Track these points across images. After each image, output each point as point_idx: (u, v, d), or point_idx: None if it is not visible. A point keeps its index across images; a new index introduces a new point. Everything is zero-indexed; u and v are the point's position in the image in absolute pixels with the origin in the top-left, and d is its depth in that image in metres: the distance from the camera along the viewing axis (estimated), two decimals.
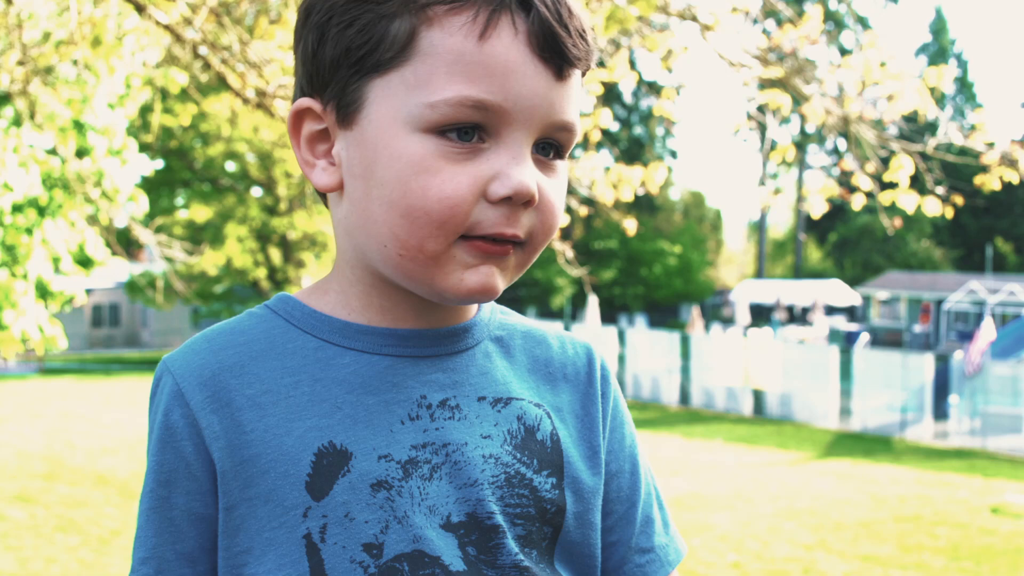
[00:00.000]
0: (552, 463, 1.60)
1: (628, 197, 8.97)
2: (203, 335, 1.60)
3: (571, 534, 1.62)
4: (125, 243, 20.73)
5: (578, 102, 1.54)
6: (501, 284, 1.51)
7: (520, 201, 1.44)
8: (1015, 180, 8.35)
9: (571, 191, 9.59)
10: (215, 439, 1.49)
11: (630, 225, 9.61)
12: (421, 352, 1.58)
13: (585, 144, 9.12)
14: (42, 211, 11.80)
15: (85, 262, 13.05)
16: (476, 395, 1.59)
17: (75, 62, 7.90)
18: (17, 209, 11.28)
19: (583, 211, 9.96)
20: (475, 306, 1.68)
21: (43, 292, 12.08)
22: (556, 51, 1.45)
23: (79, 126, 11.04)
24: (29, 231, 11.62)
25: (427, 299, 1.56)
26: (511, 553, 1.53)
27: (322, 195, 1.64)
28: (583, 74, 1.56)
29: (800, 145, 75.06)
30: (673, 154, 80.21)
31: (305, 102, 1.55)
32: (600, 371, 1.76)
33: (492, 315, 1.71)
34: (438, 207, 1.42)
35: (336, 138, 1.52)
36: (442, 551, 1.49)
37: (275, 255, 44.46)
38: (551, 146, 1.52)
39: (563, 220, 1.57)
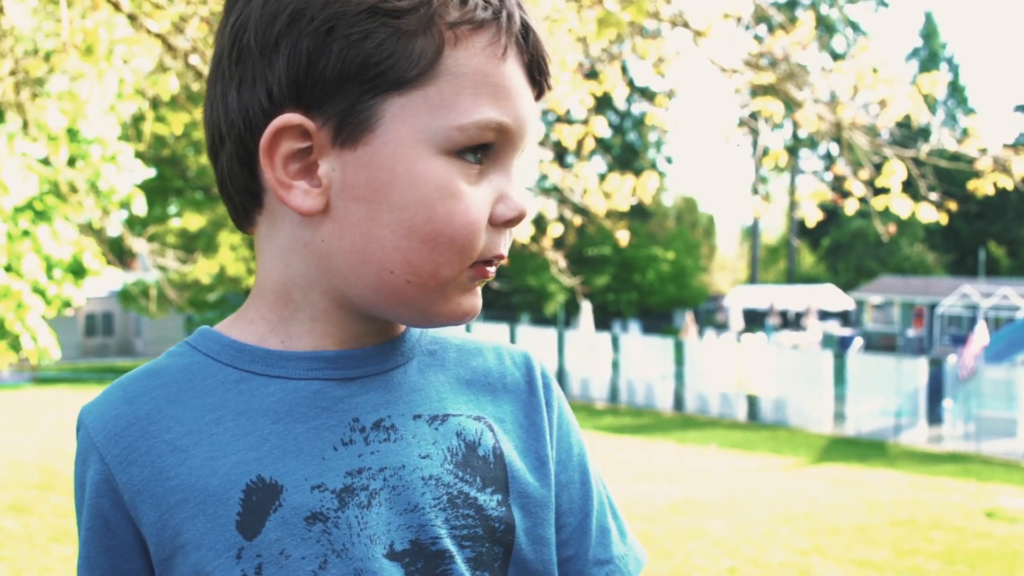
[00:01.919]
0: (496, 479, 1.53)
1: (623, 207, 8.97)
2: (119, 383, 1.52)
3: (523, 552, 1.54)
4: (118, 252, 20.69)
5: None
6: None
7: (518, 223, 1.45)
8: (1008, 185, 8.36)
9: (564, 200, 9.59)
10: (136, 493, 1.43)
11: (622, 236, 9.61)
12: (349, 373, 1.50)
13: (579, 152, 9.12)
14: (39, 215, 11.83)
15: (79, 272, 13.06)
16: (411, 413, 1.51)
17: (65, 72, 7.89)
18: (18, 211, 11.30)
19: (576, 220, 9.96)
20: None
21: (40, 295, 12.11)
22: (541, 75, 1.47)
23: (72, 134, 11.06)
24: (27, 233, 11.65)
25: (367, 319, 1.51)
26: None
27: (237, 215, 1.56)
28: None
29: (792, 150, 75.14)
30: (668, 160, 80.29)
31: (295, 118, 1.40)
32: (541, 379, 1.68)
33: (422, 329, 1.62)
34: (463, 232, 1.39)
35: (324, 158, 1.41)
36: None
37: None
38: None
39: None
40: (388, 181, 1.39)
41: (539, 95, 1.49)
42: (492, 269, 1.46)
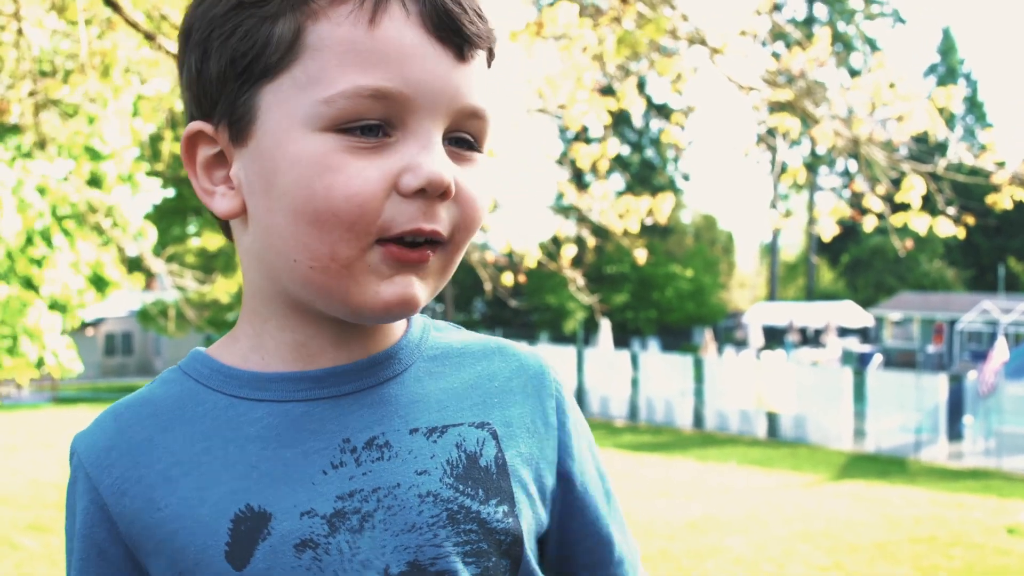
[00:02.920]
0: (500, 490, 1.49)
1: (635, 228, 8.96)
2: (112, 411, 1.53)
3: (531, 563, 1.53)
4: (138, 271, 20.81)
5: (487, 87, 1.44)
6: (422, 294, 1.41)
7: (435, 192, 1.34)
8: None
9: (582, 219, 9.60)
10: (130, 523, 1.43)
11: (640, 254, 9.61)
12: (340, 391, 1.47)
13: (595, 172, 9.13)
14: (50, 242, 11.86)
15: (100, 284, 13.11)
16: (408, 427, 1.47)
17: (86, 94, 7.93)
18: (29, 241, 11.34)
19: (591, 241, 9.96)
20: (401, 328, 1.57)
21: (60, 309, 12.14)
22: (453, 30, 1.36)
23: (90, 152, 11.10)
24: (40, 263, 11.68)
25: (346, 326, 1.47)
26: None
27: (225, 229, 1.55)
28: (490, 57, 1.47)
29: (811, 167, 75.05)
30: (685, 177, 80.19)
31: (196, 126, 1.44)
32: (553, 384, 1.64)
33: (424, 334, 1.59)
34: (346, 206, 1.32)
35: (233, 159, 1.42)
36: None
37: None
38: (463, 140, 1.42)
39: (485, 215, 1.45)
40: (272, 169, 1.37)
41: (463, 51, 1.38)
42: (417, 253, 1.38)
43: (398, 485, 1.43)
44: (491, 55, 1.47)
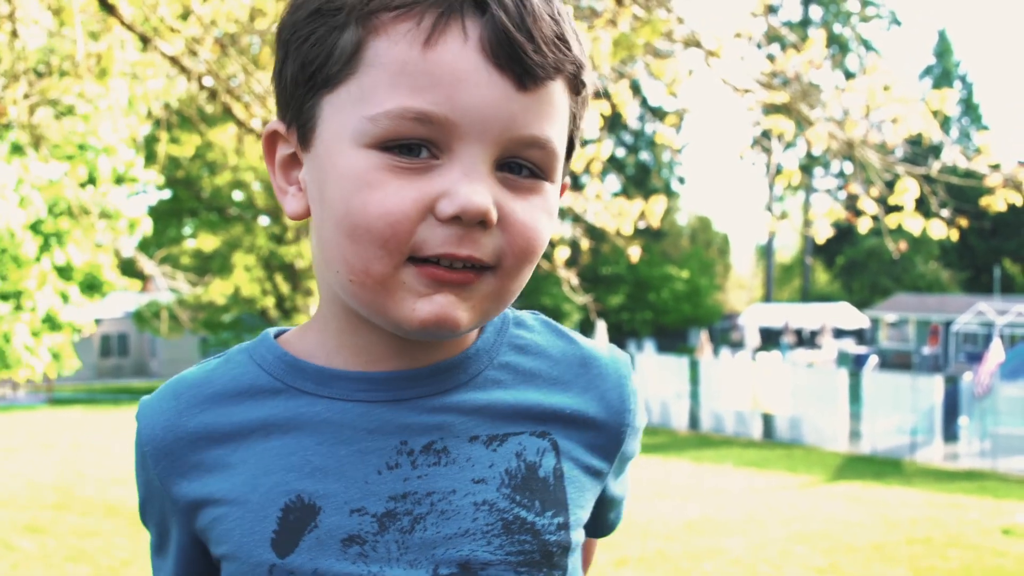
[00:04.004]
0: (557, 501, 1.50)
1: (628, 231, 8.95)
2: (173, 387, 1.55)
3: (578, 569, 1.57)
4: (132, 274, 20.84)
5: (556, 116, 1.40)
6: (464, 316, 1.38)
7: (471, 220, 1.33)
8: (1018, 202, 8.36)
9: (576, 219, 9.60)
10: (184, 503, 1.49)
11: (634, 253, 9.61)
12: (401, 395, 1.47)
13: (589, 174, 9.13)
14: (47, 239, 11.84)
15: (96, 287, 13.10)
16: (468, 435, 1.48)
17: (81, 95, 7.93)
18: (33, 230, 11.33)
19: (585, 243, 9.95)
20: (472, 334, 1.56)
21: (52, 325, 12.13)
22: (514, 58, 1.32)
23: (83, 149, 11.09)
24: (37, 259, 11.66)
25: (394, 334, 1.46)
26: None
27: None
28: (576, 86, 1.44)
29: (806, 168, 75.12)
30: (681, 180, 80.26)
31: (273, 125, 1.49)
32: (631, 416, 1.63)
33: (501, 336, 1.58)
34: (378, 224, 1.32)
35: (304, 162, 1.45)
36: None
37: (283, 284, 44.47)
38: (523, 166, 1.39)
39: (546, 245, 1.44)
40: (323, 179, 1.39)
41: (524, 81, 1.34)
42: (457, 275, 1.36)
43: (454, 491, 1.45)
44: (575, 83, 1.43)
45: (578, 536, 1.54)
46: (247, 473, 1.45)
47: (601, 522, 1.72)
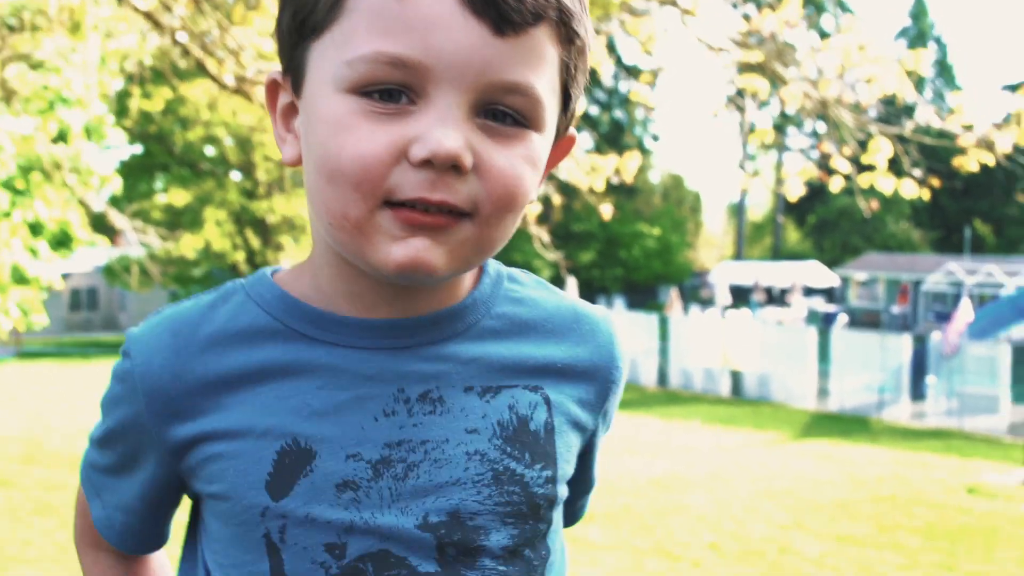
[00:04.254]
0: (546, 455, 1.52)
1: (600, 187, 8.96)
2: (170, 322, 1.53)
3: (559, 522, 1.60)
4: (103, 229, 20.71)
5: (540, 63, 1.38)
6: (440, 261, 1.36)
7: (443, 165, 1.31)
8: (990, 162, 8.40)
9: (549, 176, 9.61)
10: (175, 438, 1.48)
11: (605, 210, 9.62)
12: (399, 343, 1.48)
13: None
14: (18, 194, 11.76)
15: (65, 242, 13.03)
16: (463, 385, 1.49)
17: (56, 50, 7.87)
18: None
19: (557, 199, 9.96)
20: (470, 281, 1.57)
21: (20, 279, 12.05)
22: (489, 3, 1.30)
23: (57, 100, 11.00)
24: (7, 214, 11.58)
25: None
26: (494, 554, 1.48)
27: None
28: (565, 34, 1.41)
29: (780, 128, 75.16)
30: (655, 137, 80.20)
31: (272, 74, 1.51)
32: (618, 374, 1.68)
33: (496, 288, 1.59)
34: (351, 166, 1.32)
35: (299, 109, 1.45)
36: (412, 551, 1.44)
37: (254, 239, 44.36)
38: (507, 113, 1.37)
39: (529, 194, 1.42)
40: (309, 125, 1.40)
41: (500, 26, 1.33)
42: (432, 218, 1.34)
43: (447, 440, 1.46)
44: (563, 30, 1.40)
45: (563, 491, 1.56)
46: (243, 413, 1.45)
47: (569, 509, 1.73)
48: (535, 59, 1.37)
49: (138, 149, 43.07)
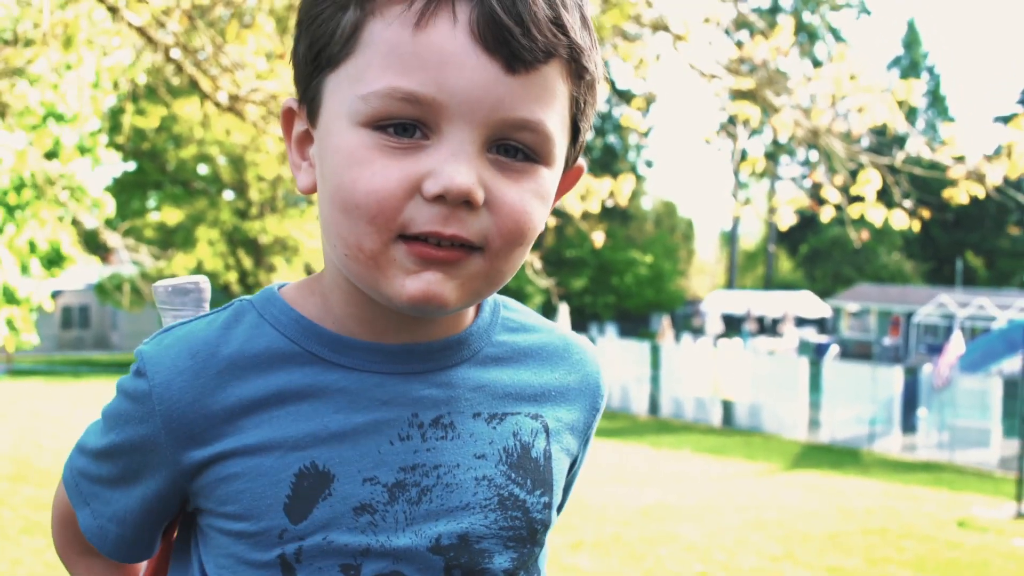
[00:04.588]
0: (544, 481, 1.59)
1: (595, 209, 8.97)
2: (187, 342, 1.52)
3: (547, 549, 1.66)
4: (94, 246, 20.68)
5: (551, 99, 1.40)
6: (452, 294, 1.40)
7: (455, 200, 1.34)
8: (980, 194, 8.40)
9: None
10: (190, 461, 1.49)
11: (598, 237, 9.62)
12: (412, 368, 1.52)
13: None
14: (11, 211, 11.74)
15: (56, 261, 13.00)
16: (471, 411, 1.55)
17: (49, 64, 7.86)
18: None
19: (551, 222, 9.96)
20: (470, 312, 1.62)
21: (10, 298, 12.01)
22: (501, 41, 1.33)
23: (50, 116, 10.98)
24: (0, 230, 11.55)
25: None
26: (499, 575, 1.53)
27: None
28: (576, 70, 1.43)
29: (772, 156, 75.36)
30: (648, 163, 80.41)
31: (288, 102, 1.53)
32: (602, 399, 1.74)
33: (495, 318, 1.65)
34: (365, 200, 1.35)
35: (314, 138, 1.48)
36: (422, 573, 1.48)
37: (246, 259, 44.36)
38: (518, 148, 1.40)
39: (538, 228, 1.46)
40: (323, 156, 1.42)
41: (512, 64, 1.35)
42: (445, 252, 1.37)
43: (458, 465, 1.52)
44: (574, 67, 1.43)
45: (555, 516, 1.62)
46: (261, 435, 1.47)
47: None
48: (546, 95, 1.40)
49: (131, 166, 43.07)
